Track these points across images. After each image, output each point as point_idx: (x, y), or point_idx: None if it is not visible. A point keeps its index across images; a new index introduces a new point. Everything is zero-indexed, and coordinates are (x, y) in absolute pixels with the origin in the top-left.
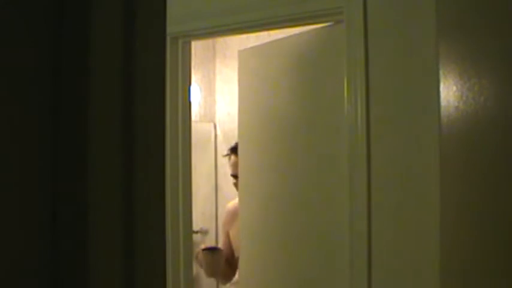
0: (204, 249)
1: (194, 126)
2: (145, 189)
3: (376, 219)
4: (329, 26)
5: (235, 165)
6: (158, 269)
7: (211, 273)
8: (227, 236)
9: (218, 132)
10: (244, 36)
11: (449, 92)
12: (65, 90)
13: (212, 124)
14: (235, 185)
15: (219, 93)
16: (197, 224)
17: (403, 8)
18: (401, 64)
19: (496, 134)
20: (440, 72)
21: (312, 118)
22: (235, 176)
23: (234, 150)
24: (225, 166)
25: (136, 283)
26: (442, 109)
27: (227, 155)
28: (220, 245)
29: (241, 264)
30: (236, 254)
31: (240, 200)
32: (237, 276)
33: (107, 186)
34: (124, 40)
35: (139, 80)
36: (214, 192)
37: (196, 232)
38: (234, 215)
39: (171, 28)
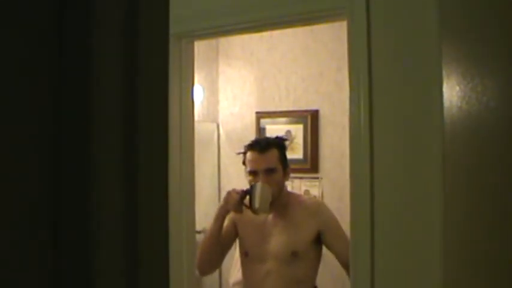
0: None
1: (197, 126)
2: (148, 189)
3: (378, 219)
4: None
5: (253, 161)
6: (161, 270)
7: (265, 207)
8: (232, 224)
9: (221, 132)
10: (247, 36)
11: (453, 92)
12: (65, 90)
13: (215, 124)
14: (252, 182)
15: (222, 93)
16: (200, 224)
17: (406, 8)
18: (404, 64)
19: (499, 134)
20: (444, 73)
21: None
22: (253, 172)
23: (250, 146)
24: (228, 166)
25: (140, 283)
26: (445, 109)
27: (243, 152)
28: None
29: None
30: (243, 250)
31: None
32: (239, 276)
33: (109, 186)
34: (126, 40)
35: (142, 80)
36: (217, 192)
37: (199, 232)
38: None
39: (174, 28)
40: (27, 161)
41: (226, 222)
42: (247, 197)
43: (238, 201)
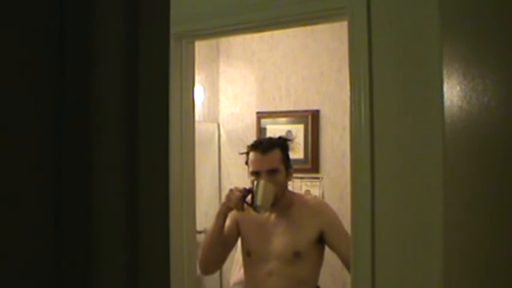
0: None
1: (197, 127)
2: (148, 189)
3: (378, 219)
4: None
5: (256, 162)
6: (162, 270)
7: (267, 205)
8: (235, 223)
9: (222, 132)
10: (248, 36)
11: (453, 92)
12: (66, 90)
13: (216, 124)
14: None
15: (222, 93)
16: (201, 224)
17: (406, 8)
18: (405, 64)
19: (500, 134)
20: (444, 73)
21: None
22: (256, 173)
23: (253, 147)
24: (229, 166)
25: (141, 284)
26: (446, 109)
27: (246, 152)
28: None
29: None
30: (246, 249)
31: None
32: (239, 276)
33: (109, 186)
34: (127, 40)
35: (142, 80)
36: (217, 192)
37: (200, 232)
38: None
39: (174, 28)
40: (28, 161)
41: (228, 221)
42: (250, 195)
43: (240, 199)
